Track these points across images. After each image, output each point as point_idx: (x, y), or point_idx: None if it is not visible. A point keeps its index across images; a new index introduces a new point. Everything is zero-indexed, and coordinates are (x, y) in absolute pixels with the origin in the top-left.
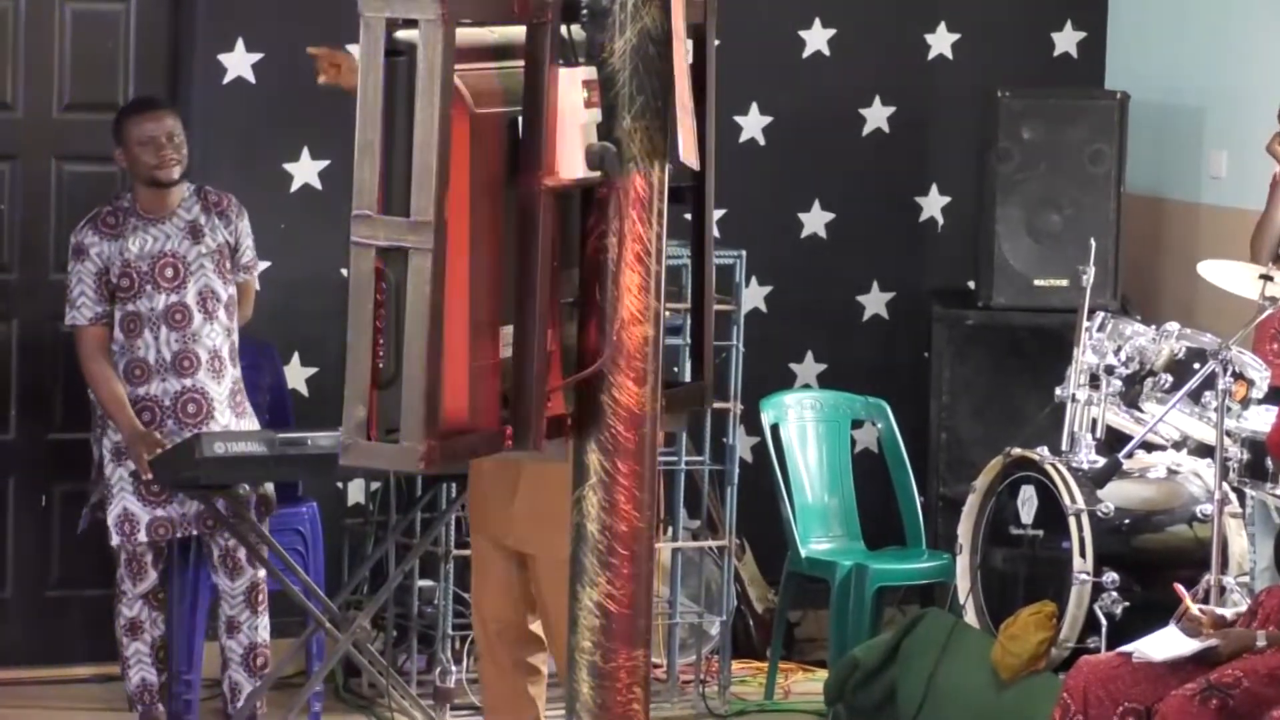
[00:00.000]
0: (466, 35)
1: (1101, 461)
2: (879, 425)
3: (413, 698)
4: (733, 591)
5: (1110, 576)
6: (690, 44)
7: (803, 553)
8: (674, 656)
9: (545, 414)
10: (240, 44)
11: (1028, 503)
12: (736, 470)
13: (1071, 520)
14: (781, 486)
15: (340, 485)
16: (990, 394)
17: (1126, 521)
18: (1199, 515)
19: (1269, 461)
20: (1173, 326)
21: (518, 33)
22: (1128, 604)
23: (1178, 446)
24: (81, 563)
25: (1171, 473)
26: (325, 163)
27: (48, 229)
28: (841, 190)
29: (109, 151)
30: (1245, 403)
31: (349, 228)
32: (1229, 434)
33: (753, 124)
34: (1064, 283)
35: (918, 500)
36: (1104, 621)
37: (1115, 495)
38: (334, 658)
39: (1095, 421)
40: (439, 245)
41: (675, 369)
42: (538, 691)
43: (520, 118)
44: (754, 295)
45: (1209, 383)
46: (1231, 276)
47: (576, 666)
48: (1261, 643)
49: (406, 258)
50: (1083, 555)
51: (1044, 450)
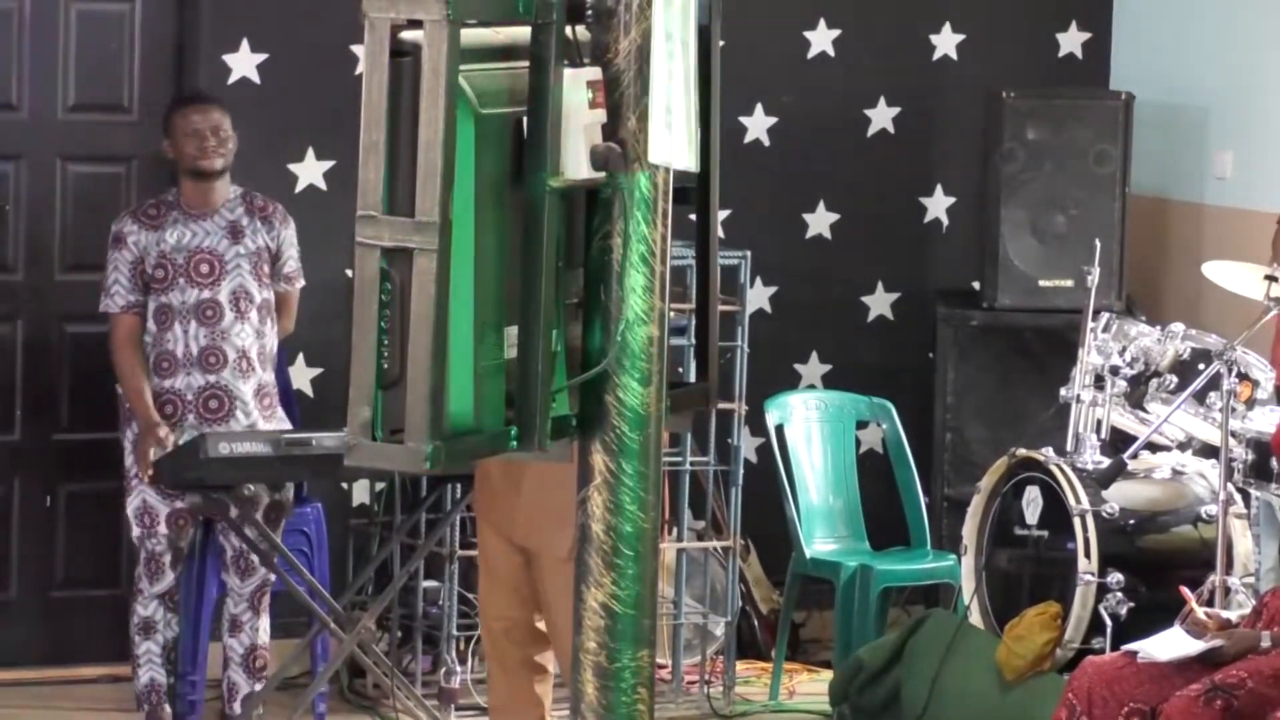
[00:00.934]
0: (471, 36)
1: (1106, 462)
2: (884, 426)
3: (417, 698)
4: (737, 592)
5: (1115, 577)
6: (690, 44)
7: (807, 553)
8: (679, 657)
9: (550, 414)
10: (245, 44)
11: (1033, 503)
12: (741, 471)
13: (1076, 521)
14: (786, 487)
15: (345, 486)
16: (995, 395)
17: (1131, 522)
18: (1204, 516)
19: (1274, 462)
20: (1178, 327)
21: (522, 33)
22: (1132, 605)
23: (1182, 447)
24: (87, 563)
25: (1176, 473)
26: (330, 163)
27: (53, 229)
28: (846, 191)
29: (115, 152)
30: (1250, 403)
31: (354, 228)
32: (1234, 435)
33: (757, 124)
34: (1069, 283)
35: (922, 501)
36: (1109, 622)
37: (1120, 496)
38: (339, 658)
39: (1100, 422)
40: (444, 246)
41: (680, 369)
42: (544, 690)
43: (525, 118)
44: (759, 296)
45: (1214, 383)
46: (1236, 277)
47: (581, 667)
48: (1266, 643)
49: (411, 258)
50: (1087, 556)
51: (1049, 451)
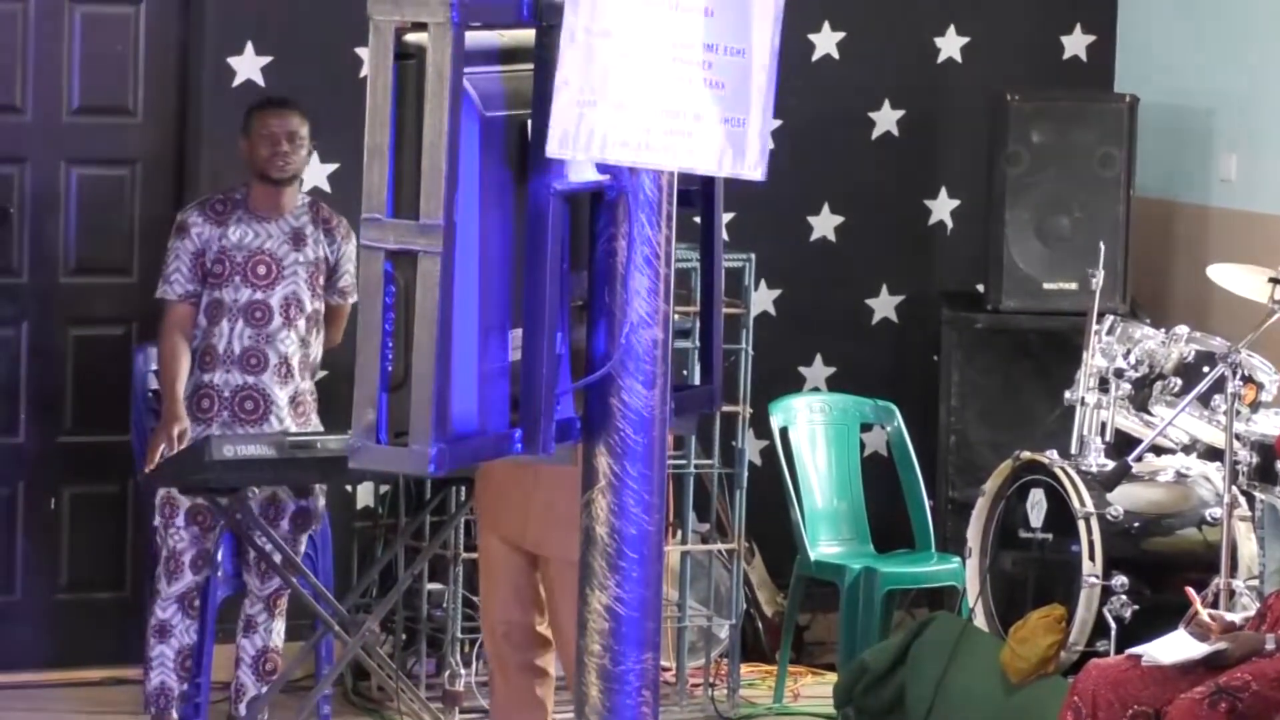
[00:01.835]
0: (475, 38)
1: (1111, 465)
2: (888, 428)
3: (422, 701)
4: (742, 595)
5: (1119, 580)
6: (759, 54)
7: (812, 556)
8: (683, 660)
9: (554, 417)
10: (250, 47)
11: (1037, 506)
12: (745, 473)
13: (1081, 523)
14: (790, 490)
15: (350, 488)
16: (999, 397)
17: (1136, 525)
18: (1208, 519)
19: (1278, 465)
20: (1182, 330)
21: (527, 36)
22: (1137, 607)
23: (1187, 450)
24: (91, 566)
25: (1181, 476)
26: (334, 165)
27: (57, 232)
28: (851, 193)
29: (119, 154)
30: (1255, 406)
31: (358, 231)
32: (1238, 437)
33: None
34: (1073, 286)
35: (927, 503)
36: (1113, 625)
37: (1124, 498)
38: (343, 661)
39: (1104, 425)
40: (448, 248)
41: (684, 372)
42: (545, 694)
43: (529, 121)
44: (763, 298)
45: (1218, 386)
46: (1241, 280)
47: (585, 670)
48: (1270, 646)
49: (416, 261)
50: (1092, 558)
51: (1053, 453)
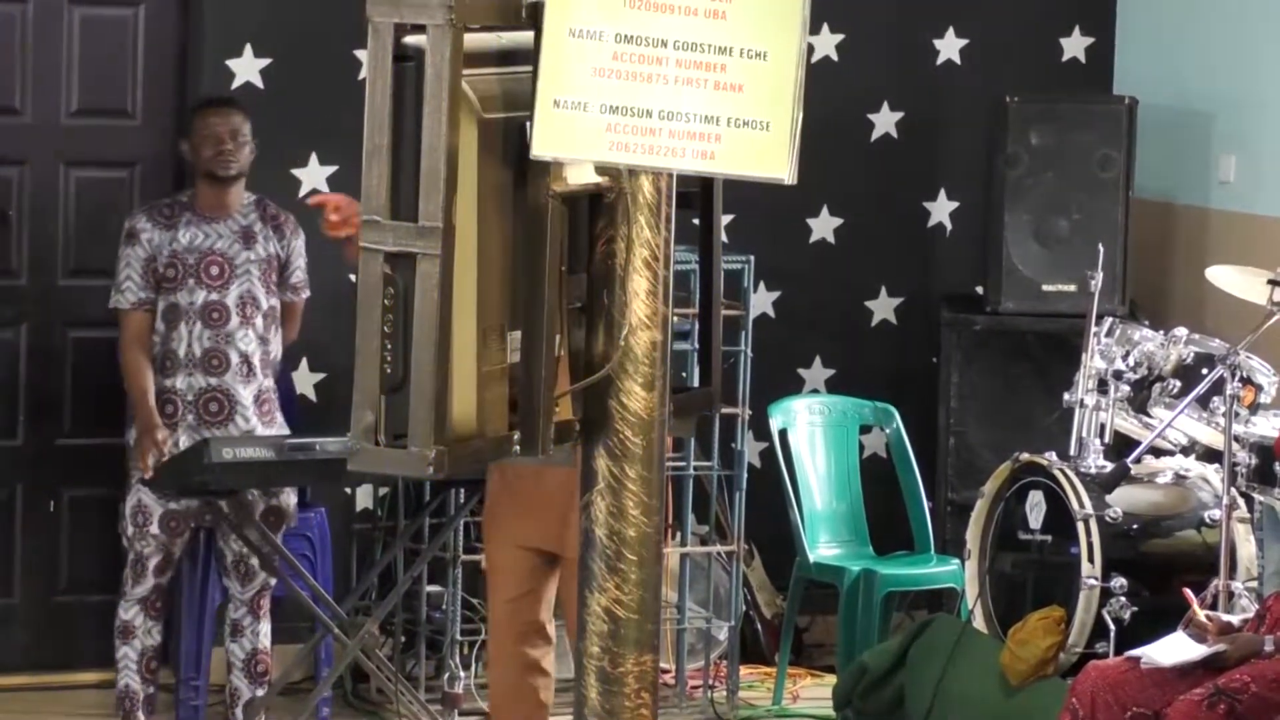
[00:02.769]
0: (474, 40)
1: (1110, 466)
2: (887, 430)
3: (421, 703)
4: (741, 596)
5: (1118, 581)
6: (786, 53)
7: (811, 558)
8: (682, 662)
9: (553, 419)
10: (248, 49)
11: (1036, 508)
12: (745, 475)
13: (1080, 525)
14: (790, 492)
15: (349, 490)
16: (998, 399)
17: (1135, 526)
18: (1207, 520)
19: (1277, 466)
20: (1181, 332)
21: (525, 38)
22: (1136, 609)
23: (1186, 451)
24: (90, 568)
25: (1180, 478)
26: (333, 168)
27: (56, 234)
28: (850, 195)
29: (118, 156)
30: (1253, 408)
31: (358, 233)
32: (1237, 439)
33: None
34: (1072, 288)
35: (926, 505)
36: (1112, 626)
37: (1123, 500)
38: (342, 663)
39: (1103, 426)
40: (447, 250)
41: (683, 374)
42: (547, 696)
43: (528, 123)
44: (762, 300)
45: (1217, 388)
46: (1240, 282)
47: (585, 671)
48: (1269, 647)
49: (415, 263)
50: (1091, 560)
51: (1052, 455)
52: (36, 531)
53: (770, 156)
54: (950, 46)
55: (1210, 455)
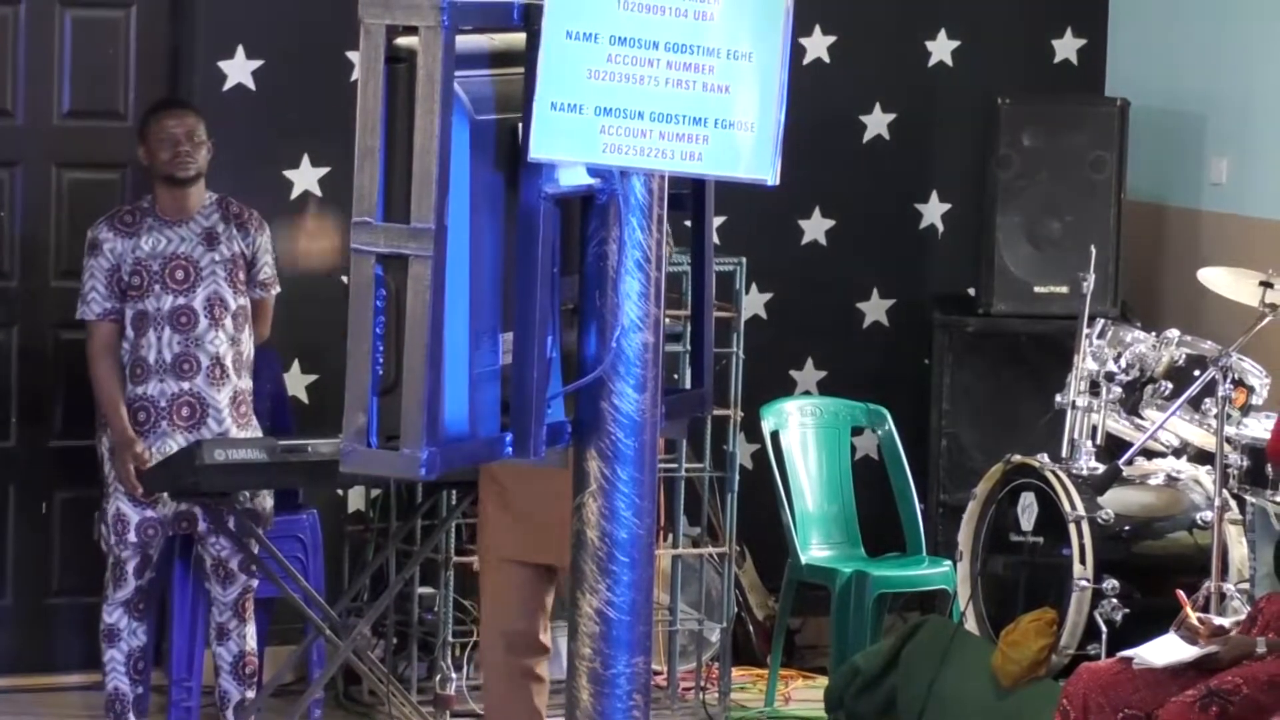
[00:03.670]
0: (466, 42)
1: (1101, 468)
2: (879, 432)
3: (413, 705)
4: (733, 598)
5: (1110, 583)
6: (768, 54)
7: (803, 559)
8: (674, 663)
9: (545, 421)
10: (240, 51)
11: (1028, 509)
12: (737, 477)
13: (1072, 527)
14: (782, 493)
15: (341, 492)
16: (990, 401)
17: (1127, 528)
18: (1199, 522)
19: (1269, 468)
20: (1173, 333)
21: (517, 40)
22: (1128, 611)
23: (1178, 453)
24: (82, 570)
25: (1171, 479)
26: (325, 169)
27: (48, 236)
28: (842, 197)
29: (110, 158)
30: (1245, 409)
31: (349, 234)
32: (1229, 441)
33: None
34: (1064, 289)
35: (918, 507)
36: (1104, 628)
37: (1115, 502)
38: (334, 665)
39: (1095, 428)
40: (439, 252)
41: (675, 376)
42: (541, 701)
43: (520, 124)
44: (754, 302)
45: (1209, 389)
46: (1232, 283)
47: (577, 673)
48: (1262, 649)
49: (407, 265)
50: (1083, 562)
51: (1044, 457)
52: (27, 533)
53: (754, 158)
54: (942, 48)
55: (1202, 457)
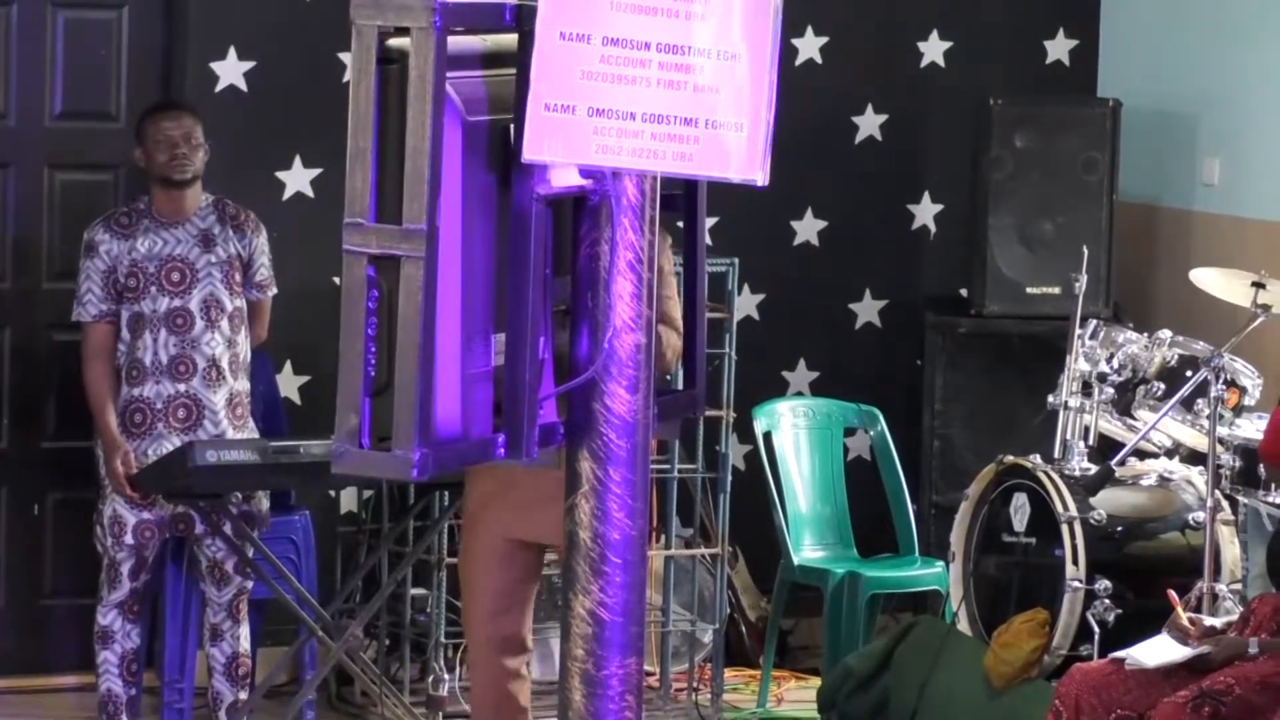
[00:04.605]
0: (458, 43)
1: (1094, 469)
2: (871, 433)
3: (405, 706)
4: (725, 599)
5: (1103, 584)
6: (758, 54)
7: (795, 560)
8: (667, 664)
9: (538, 422)
10: (232, 52)
11: (1020, 510)
12: (729, 478)
13: (1064, 527)
14: (774, 494)
15: (333, 493)
16: (983, 401)
17: (1119, 529)
18: (1191, 522)
19: (1261, 469)
20: (1165, 334)
21: (509, 40)
22: (1120, 611)
23: (1170, 454)
24: (74, 572)
25: (1164, 480)
26: (317, 170)
27: (40, 237)
28: (834, 198)
29: (102, 159)
30: (1237, 410)
31: (341, 235)
32: (1221, 441)
33: None
34: (1056, 290)
35: (910, 508)
36: (1096, 629)
37: (1108, 502)
38: (327, 666)
39: (1088, 429)
40: (431, 253)
41: (668, 376)
42: (525, 700)
43: (512, 125)
44: (746, 303)
45: (1201, 390)
46: (1224, 284)
47: (569, 674)
48: (1254, 650)
49: (399, 266)
50: (1075, 562)
51: (1036, 458)
52: (21, 535)
53: (744, 158)
54: (934, 49)
55: (1194, 458)
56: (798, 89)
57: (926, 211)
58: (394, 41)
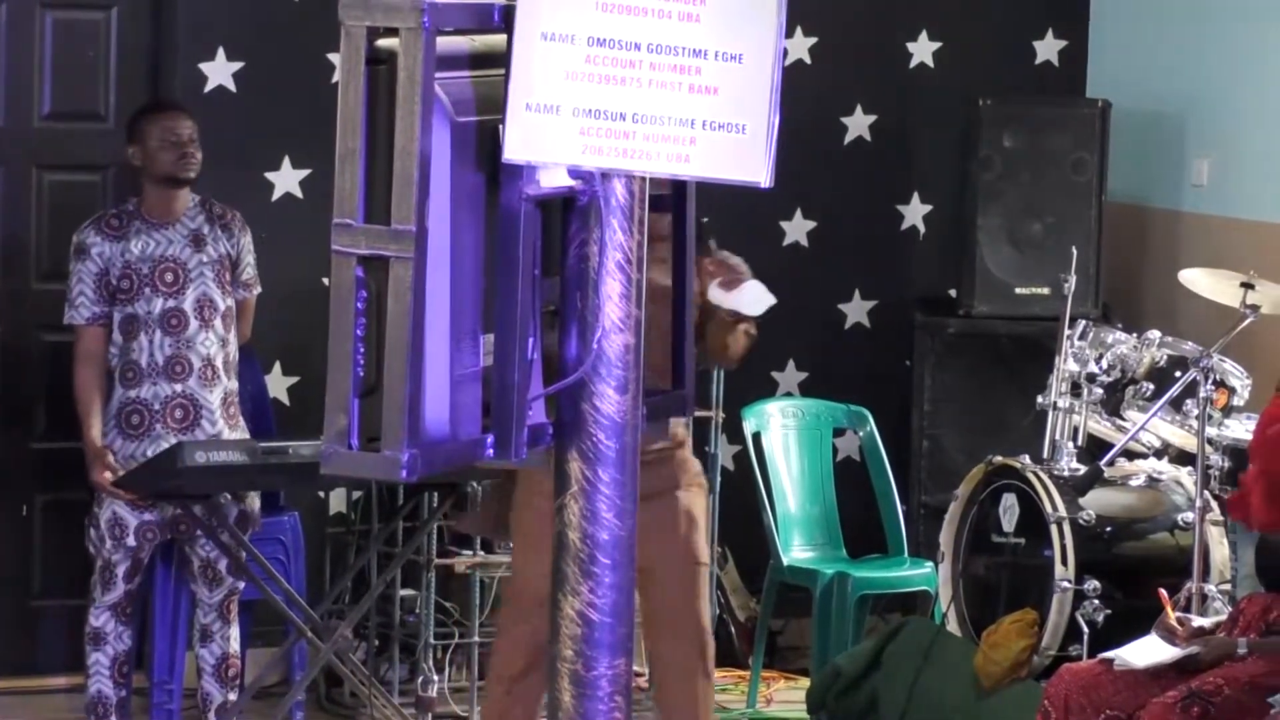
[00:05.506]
0: (447, 44)
1: (1083, 469)
2: (861, 433)
3: (395, 707)
4: (715, 600)
5: (1092, 584)
6: (760, 54)
7: (785, 561)
8: None
9: (526, 422)
10: (221, 53)
11: (1009, 510)
12: (718, 479)
13: (1053, 528)
14: (763, 495)
15: (322, 494)
16: (972, 402)
17: (1108, 529)
18: (1180, 523)
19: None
20: (1154, 334)
21: (499, 41)
22: (1109, 612)
23: (1159, 454)
24: (65, 573)
25: (1153, 480)
26: (306, 171)
27: (29, 238)
28: (823, 198)
29: (91, 160)
30: (1226, 410)
31: (330, 236)
32: (1210, 442)
33: None
34: (1046, 291)
35: (899, 508)
36: (1085, 629)
37: (1097, 503)
38: (316, 667)
39: (1077, 429)
40: (420, 254)
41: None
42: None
43: (501, 126)
44: None
45: (1190, 390)
46: (1213, 284)
47: (558, 675)
48: (1243, 650)
49: (388, 266)
50: (1064, 563)
51: (1025, 458)
52: (10, 536)
53: (746, 159)
54: (923, 49)
55: (1183, 458)
56: (786, 89)
57: (916, 212)
58: (383, 42)
